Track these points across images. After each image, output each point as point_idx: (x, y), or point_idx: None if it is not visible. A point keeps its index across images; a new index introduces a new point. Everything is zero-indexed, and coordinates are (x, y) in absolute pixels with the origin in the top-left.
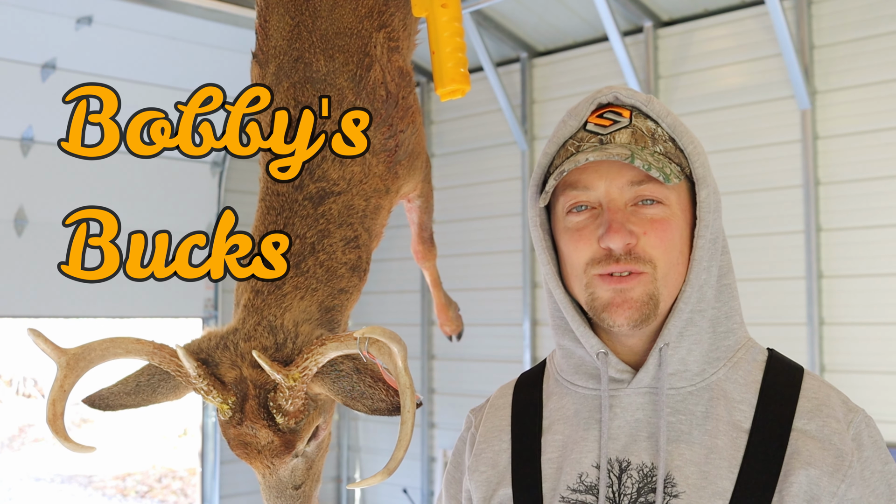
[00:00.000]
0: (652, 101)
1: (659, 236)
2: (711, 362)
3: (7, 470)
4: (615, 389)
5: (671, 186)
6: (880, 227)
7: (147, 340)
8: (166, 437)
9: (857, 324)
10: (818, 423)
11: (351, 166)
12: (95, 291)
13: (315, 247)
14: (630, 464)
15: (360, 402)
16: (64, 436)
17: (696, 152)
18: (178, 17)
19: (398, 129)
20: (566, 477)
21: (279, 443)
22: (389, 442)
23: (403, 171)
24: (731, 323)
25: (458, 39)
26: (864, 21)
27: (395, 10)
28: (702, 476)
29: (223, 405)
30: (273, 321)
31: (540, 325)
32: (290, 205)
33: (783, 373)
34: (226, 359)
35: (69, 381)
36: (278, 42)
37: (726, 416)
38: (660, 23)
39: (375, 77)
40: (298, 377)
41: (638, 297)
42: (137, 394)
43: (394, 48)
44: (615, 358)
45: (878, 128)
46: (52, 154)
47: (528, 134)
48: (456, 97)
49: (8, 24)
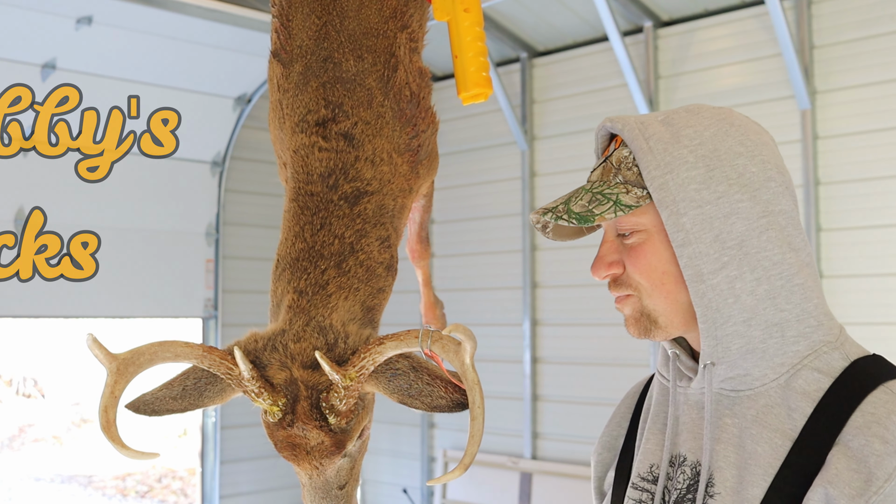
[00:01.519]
0: (627, 124)
1: (633, 264)
2: (775, 367)
3: (7, 470)
4: (684, 386)
5: (643, 209)
6: (880, 227)
7: (196, 344)
8: (166, 437)
9: (857, 323)
10: (861, 441)
11: (381, 166)
12: (96, 292)
13: (354, 246)
14: (686, 459)
15: (419, 399)
16: (120, 443)
17: (653, 175)
18: (178, 17)
19: (420, 129)
20: (640, 465)
21: (330, 443)
22: (389, 442)
23: (424, 170)
24: (802, 326)
25: (480, 44)
26: (864, 21)
27: (415, 10)
28: (738, 480)
29: (273, 407)
30: (322, 322)
31: (540, 325)
32: (325, 205)
33: (853, 383)
34: (275, 360)
35: (119, 387)
36: (304, 41)
37: (776, 424)
38: (660, 23)
39: (401, 78)
40: (355, 377)
41: (630, 314)
42: (184, 398)
43: (414, 49)
44: (685, 357)
45: (878, 128)
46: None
47: (528, 134)
48: (479, 101)
49: (8, 24)
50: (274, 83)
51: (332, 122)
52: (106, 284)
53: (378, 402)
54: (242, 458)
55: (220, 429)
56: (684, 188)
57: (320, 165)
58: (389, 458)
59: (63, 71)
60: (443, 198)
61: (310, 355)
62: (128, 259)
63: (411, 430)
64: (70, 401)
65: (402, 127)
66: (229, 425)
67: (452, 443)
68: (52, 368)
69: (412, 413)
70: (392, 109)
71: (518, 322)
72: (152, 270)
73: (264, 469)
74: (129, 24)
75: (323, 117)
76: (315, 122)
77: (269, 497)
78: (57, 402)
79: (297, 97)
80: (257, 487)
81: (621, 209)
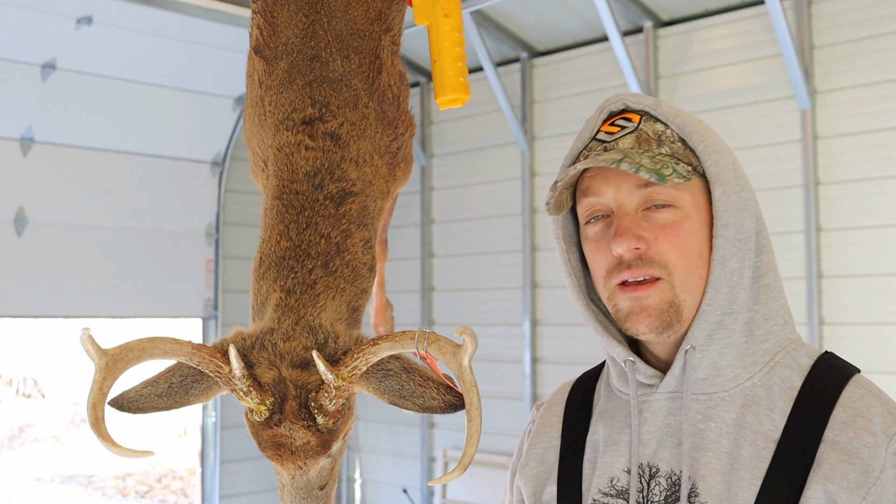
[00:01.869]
0: (660, 103)
1: (671, 241)
2: (747, 367)
3: (7, 470)
4: (646, 395)
5: (683, 186)
6: (880, 227)
7: (185, 340)
8: (166, 437)
9: (856, 324)
10: (849, 435)
11: (364, 167)
12: (95, 291)
13: (340, 247)
14: (659, 470)
15: (410, 400)
16: (110, 440)
17: (708, 151)
18: (178, 17)
19: (399, 131)
20: (598, 480)
21: (316, 443)
22: (388, 442)
23: (401, 173)
24: (770, 325)
25: (459, 49)
26: (864, 21)
27: (396, 13)
28: (725, 486)
29: (260, 406)
30: (311, 321)
31: (540, 325)
32: (311, 204)
33: (825, 379)
34: (263, 359)
35: (108, 383)
36: (290, 39)
37: (756, 425)
38: (660, 23)
39: (384, 80)
40: (348, 377)
41: (656, 304)
42: (170, 395)
43: (395, 52)
44: (643, 364)
45: (878, 128)
46: (53, 154)
47: (528, 134)
48: (455, 106)
49: (8, 24)
50: (255, 79)
51: (319, 122)
52: (106, 284)
53: (378, 403)
54: (242, 458)
55: (220, 429)
56: (727, 171)
57: (306, 164)
58: (389, 458)
59: (63, 71)
60: (443, 198)
61: (299, 354)
62: (128, 259)
63: (411, 430)
64: (70, 401)
65: (383, 129)
66: (229, 425)
67: (452, 443)
68: (52, 368)
69: (412, 413)
70: (375, 111)
71: (518, 322)
72: (152, 270)
73: (264, 469)
74: (129, 24)
75: (310, 116)
76: (301, 120)
77: (269, 497)
78: (57, 402)
79: (282, 94)
80: (257, 487)
81: (680, 177)
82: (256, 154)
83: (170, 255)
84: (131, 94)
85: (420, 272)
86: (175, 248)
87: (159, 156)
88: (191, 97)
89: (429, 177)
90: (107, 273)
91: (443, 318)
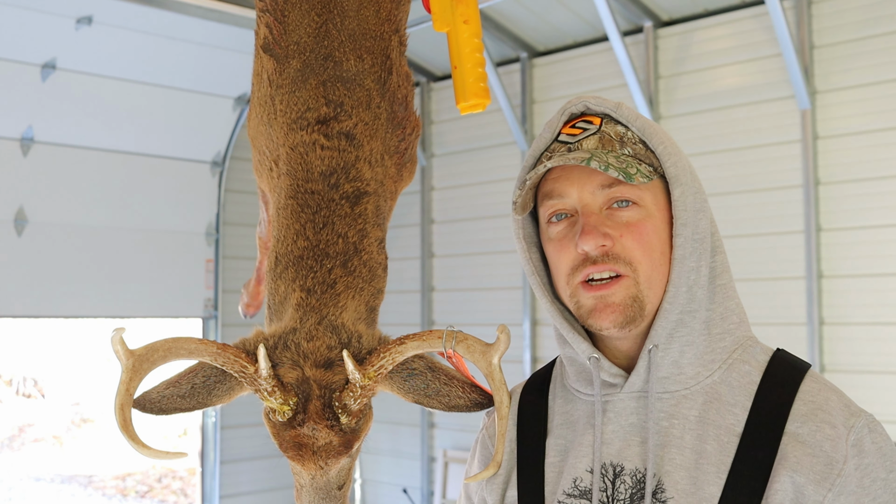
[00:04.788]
0: (621, 106)
1: (636, 238)
2: (706, 364)
3: (7, 470)
4: (609, 394)
5: (644, 186)
6: (880, 227)
7: (210, 340)
8: (166, 437)
9: (856, 324)
10: (811, 428)
11: (376, 167)
12: (96, 291)
13: (357, 246)
14: (623, 469)
15: (436, 399)
16: (139, 442)
17: (668, 152)
18: (178, 17)
19: (407, 132)
20: (563, 481)
21: (338, 443)
22: (389, 442)
23: (406, 174)
24: (726, 324)
25: (479, 55)
26: (864, 21)
27: (403, 15)
28: (691, 482)
29: (283, 406)
30: (334, 321)
31: (540, 325)
32: (327, 203)
33: (782, 374)
34: (286, 359)
35: (134, 384)
36: (302, 38)
37: (718, 420)
38: (660, 23)
39: (394, 80)
40: (373, 375)
41: (620, 300)
42: (192, 396)
43: (402, 52)
44: (608, 362)
45: (878, 128)
46: (52, 154)
47: (528, 134)
48: (476, 111)
49: (8, 24)
50: (263, 78)
51: (335, 121)
52: (106, 284)
53: (377, 403)
54: (242, 458)
55: (220, 429)
56: (685, 173)
57: (321, 164)
58: (389, 458)
59: (63, 71)
60: (443, 198)
61: (323, 354)
62: (128, 259)
63: (411, 430)
64: (70, 401)
65: (393, 129)
66: (229, 425)
67: (452, 443)
68: (52, 368)
69: (412, 413)
70: (386, 111)
71: (518, 322)
72: (152, 270)
73: (264, 469)
74: (129, 24)
75: (324, 115)
76: (316, 119)
77: (269, 497)
78: (57, 402)
79: (294, 93)
80: (257, 487)
81: (644, 177)
82: (263, 153)
83: (170, 255)
84: (131, 94)
85: (420, 272)
86: (175, 248)
87: (159, 156)
88: (191, 97)
89: (429, 177)
90: (107, 273)
91: (443, 318)
